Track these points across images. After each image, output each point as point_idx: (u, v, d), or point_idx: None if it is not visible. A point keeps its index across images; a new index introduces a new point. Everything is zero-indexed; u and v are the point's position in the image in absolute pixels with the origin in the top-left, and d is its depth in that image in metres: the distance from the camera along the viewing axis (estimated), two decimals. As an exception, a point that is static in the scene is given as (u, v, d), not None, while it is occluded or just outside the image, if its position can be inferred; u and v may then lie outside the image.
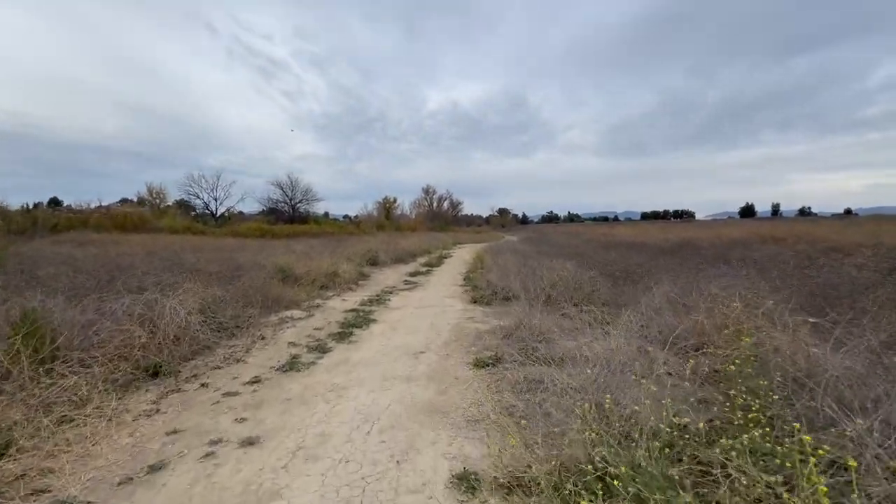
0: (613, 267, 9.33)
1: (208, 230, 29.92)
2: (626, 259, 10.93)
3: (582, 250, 15.03)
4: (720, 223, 41.85)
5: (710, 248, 14.02)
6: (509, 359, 4.50)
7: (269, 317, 6.74)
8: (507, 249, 15.90)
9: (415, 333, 5.82)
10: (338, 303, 8.15)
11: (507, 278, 8.34)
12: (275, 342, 5.44)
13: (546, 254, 13.77)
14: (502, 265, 10.50)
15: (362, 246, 16.94)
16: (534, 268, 8.66)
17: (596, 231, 33.74)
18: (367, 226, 44.48)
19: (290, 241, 24.54)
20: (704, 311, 4.08)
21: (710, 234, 18.41)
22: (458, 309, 7.47)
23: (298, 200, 45.68)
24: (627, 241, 19.50)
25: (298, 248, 16.18)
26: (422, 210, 66.33)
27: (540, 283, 7.28)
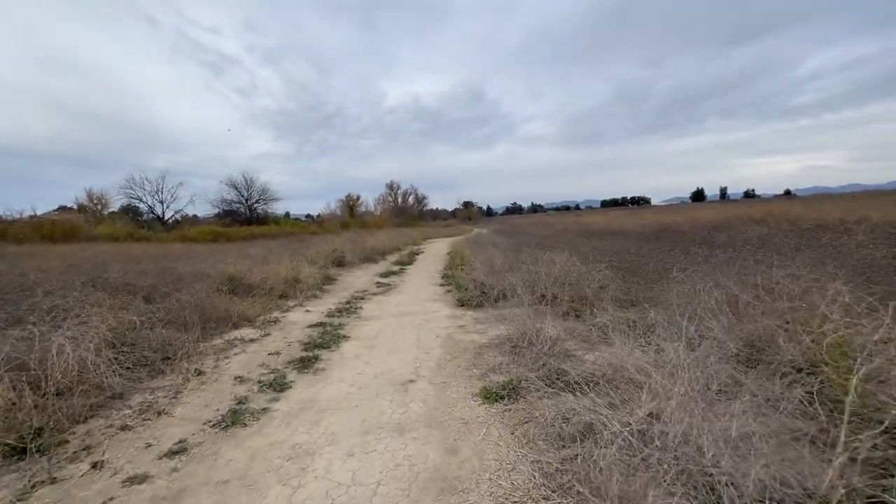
0: (608, 257, 8.51)
1: (154, 236, 27.30)
2: (614, 248, 10.16)
3: (563, 240, 14.27)
4: (687, 207, 42.77)
5: (693, 231, 13.60)
6: (528, 384, 3.47)
7: (213, 340, 5.40)
8: (485, 242, 14.94)
9: (398, 353, 4.68)
10: (300, 315, 6.86)
11: (496, 275, 7.31)
12: (216, 378, 4.15)
13: (528, 245, 12.89)
14: (487, 260, 9.48)
15: (326, 246, 15.52)
16: (525, 262, 7.69)
17: (565, 220, 33.49)
18: (331, 225, 42.54)
19: (247, 244, 22.64)
20: (786, 311, 3.18)
21: (685, 217, 18.17)
22: (445, 315, 6.38)
23: (255, 201, 43.07)
24: (603, 229, 19.02)
25: (255, 251, 14.54)
26: (387, 206, 64.65)
27: (539, 279, 6.30)
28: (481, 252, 11.30)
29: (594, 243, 12.43)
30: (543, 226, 29.31)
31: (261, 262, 11.75)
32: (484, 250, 11.61)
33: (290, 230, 34.95)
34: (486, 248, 12.64)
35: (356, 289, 9.37)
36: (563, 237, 16.22)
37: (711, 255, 7.34)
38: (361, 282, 10.47)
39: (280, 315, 6.89)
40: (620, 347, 3.72)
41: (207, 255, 14.28)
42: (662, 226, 16.87)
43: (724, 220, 15.31)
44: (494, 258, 9.65)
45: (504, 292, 6.94)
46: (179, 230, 30.37)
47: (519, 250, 11.35)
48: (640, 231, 16.13)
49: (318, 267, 11.36)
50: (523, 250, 11.29)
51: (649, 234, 15.19)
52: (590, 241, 13.49)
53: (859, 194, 31.95)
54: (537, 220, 43.25)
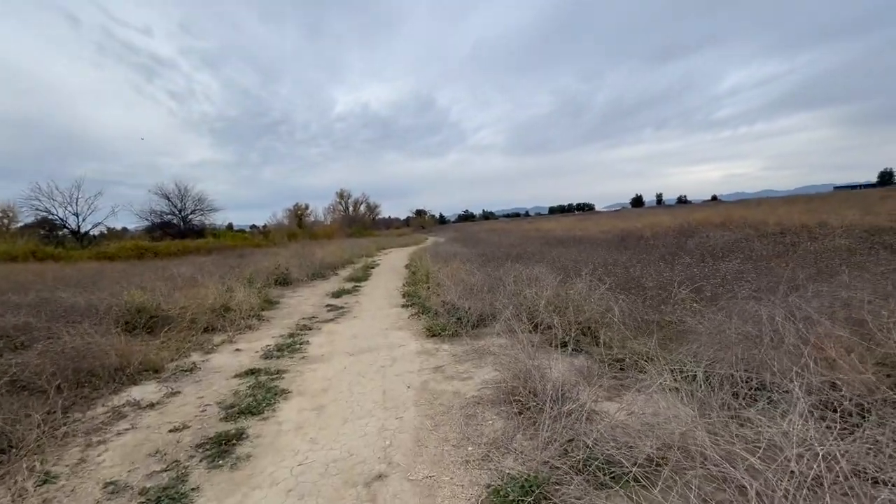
0: (590, 269, 7.68)
1: (65, 254, 23.76)
2: (591, 258, 9.41)
3: (529, 250, 13.49)
4: (636, 212, 44.15)
5: (659, 237, 13.30)
6: (557, 477, 2.36)
7: (94, 408, 3.85)
8: (447, 254, 13.84)
9: (357, 419, 3.40)
10: (227, 357, 5.36)
11: (473, 296, 6.19)
12: (74, 487, 2.69)
13: (494, 256, 11.93)
14: (453, 274, 8.36)
15: (270, 261, 13.75)
16: (502, 279, 6.64)
17: (522, 227, 33.26)
18: (278, 236, 39.87)
19: (178, 260, 20.11)
20: None
21: (643, 223, 18.13)
22: (415, 350, 5.16)
23: (190, 211, 39.49)
24: (564, 236, 18.58)
25: (183, 270, 12.53)
26: (337, 215, 62.22)
27: (526, 301, 5.26)
28: (445, 265, 10.18)
29: (563, 252, 11.71)
30: (501, 233, 28.76)
31: (187, 284, 9.96)
32: (448, 263, 10.50)
33: (230, 243, 32.14)
34: (448, 260, 11.53)
35: (303, 314, 7.90)
36: (527, 246, 15.49)
37: (705, 264, 6.69)
38: (309, 304, 8.98)
39: (200, 359, 5.35)
40: (669, 404, 2.72)
41: (122, 276, 12.10)
42: (624, 232, 16.64)
43: (684, 225, 15.26)
44: (462, 272, 8.56)
45: (483, 316, 5.84)
46: (97, 246, 26.77)
47: (487, 262, 10.34)
48: (605, 238, 15.76)
49: (256, 289, 9.72)
50: (492, 262, 10.31)
51: (613, 240, 14.80)
52: (557, 250, 12.78)
53: (780, 199, 34.33)
54: (493, 228, 42.94)
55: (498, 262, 10.14)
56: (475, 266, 9.40)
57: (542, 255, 11.10)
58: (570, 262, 8.77)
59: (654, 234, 14.20)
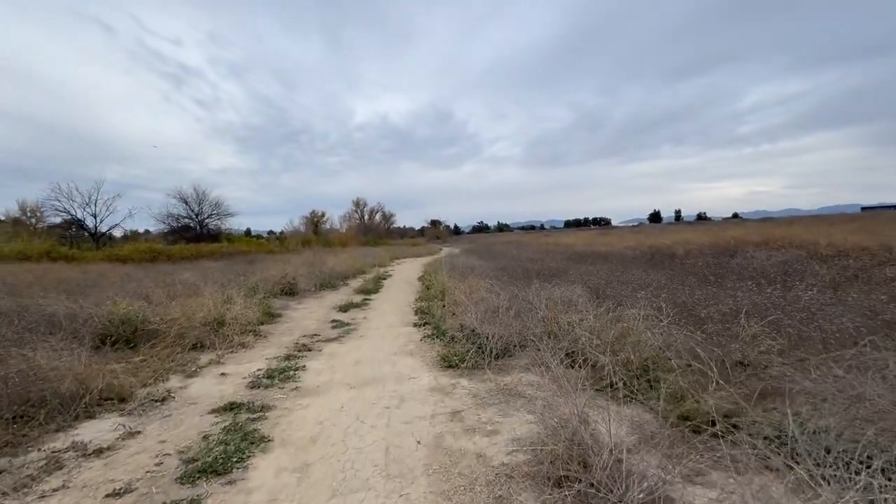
0: (629, 290, 6.74)
1: (79, 254, 23.68)
2: (625, 277, 8.47)
3: (549, 265, 12.56)
4: (658, 228, 42.71)
5: (694, 256, 12.23)
6: None
7: (28, 452, 3.11)
8: (463, 267, 13.00)
9: (350, 493, 2.55)
10: (209, 384, 4.61)
11: (494, 319, 5.33)
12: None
13: (515, 271, 11.05)
14: (471, 291, 7.51)
15: (278, 269, 13.10)
16: (528, 300, 5.77)
17: (539, 241, 32.26)
18: (292, 243, 39.67)
19: (189, 265, 19.73)
20: None
21: (673, 240, 17.03)
22: (427, 386, 4.31)
23: (207, 216, 39.50)
24: (587, 251, 17.57)
25: (186, 276, 11.97)
26: (353, 223, 61.99)
27: (557, 331, 4.39)
28: (462, 280, 9.35)
29: (590, 270, 10.76)
30: (518, 246, 27.81)
31: (187, 291, 9.34)
32: (465, 278, 9.67)
33: (243, 248, 31.89)
34: (465, 274, 10.70)
35: (304, 331, 7.15)
36: (549, 261, 14.56)
37: (766, 290, 5.70)
38: (313, 318, 8.23)
39: (178, 384, 4.60)
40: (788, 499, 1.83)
41: (124, 280, 11.58)
42: (652, 248, 15.58)
43: (720, 242, 14.15)
44: (481, 289, 7.70)
45: (508, 345, 4.97)
46: (111, 248, 26.70)
47: (511, 279, 9.47)
48: (632, 255, 14.72)
49: (258, 299, 9.03)
50: (514, 278, 9.43)
51: (642, 258, 13.77)
52: (582, 267, 11.83)
53: (810, 218, 32.58)
54: (509, 240, 41.99)
55: (520, 278, 9.26)
56: (496, 282, 8.54)
57: (566, 272, 10.18)
58: (601, 281, 7.83)
59: (688, 252, 13.13)
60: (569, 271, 10.32)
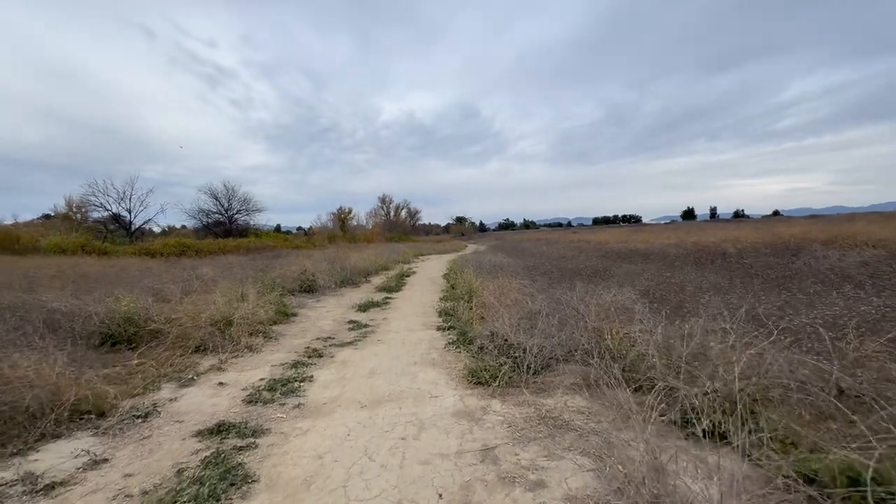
0: (698, 298, 5.79)
1: (111, 248, 24.21)
2: (680, 280, 7.49)
3: (585, 264, 11.60)
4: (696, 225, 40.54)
5: (749, 255, 11.01)
6: None
7: (-29, 483, 2.57)
8: (491, 265, 12.20)
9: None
10: (202, 396, 4.02)
11: (531, 328, 4.54)
12: None
13: (548, 270, 10.17)
14: (500, 291, 6.73)
15: (296, 266, 12.65)
16: (571, 306, 4.94)
17: (569, 238, 31.01)
18: (318, 238, 39.83)
19: (213, 259, 19.75)
20: None
21: (720, 236, 15.67)
22: (451, 408, 3.58)
23: (236, 211, 40.05)
24: (625, 248, 16.42)
25: (205, 271, 11.67)
26: (378, 220, 62.07)
27: (616, 347, 3.56)
28: (491, 279, 8.57)
29: (632, 269, 9.77)
30: (547, 243, 26.71)
31: (204, 287, 8.96)
32: (494, 277, 8.88)
33: (270, 244, 32.08)
34: (493, 273, 9.90)
35: (319, 332, 6.55)
36: (584, 259, 13.56)
37: (863, 296, 4.67)
38: (329, 319, 7.64)
39: (170, 395, 4.04)
40: None
41: (144, 275, 11.37)
42: (697, 246, 14.33)
43: (775, 240, 12.80)
44: (513, 290, 6.90)
45: (551, 358, 4.17)
46: (142, 243, 27.25)
47: (544, 278, 8.63)
48: (676, 253, 13.54)
49: (274, 297, 8.53)
50: (548, 278, 8.58)
51: (688, 256, 12.59)
52: (622, 266, 10.82)
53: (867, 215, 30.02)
54: (537, 237, 40.77)
55: (557, 278, 8.40)
56: (529, 283, 7.71)
57: (607, 272, 9.23)
58: (649, 283, 6.90)
59: (741, 251, 11.89)
60: (610, 271, 9.37)
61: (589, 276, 8.60)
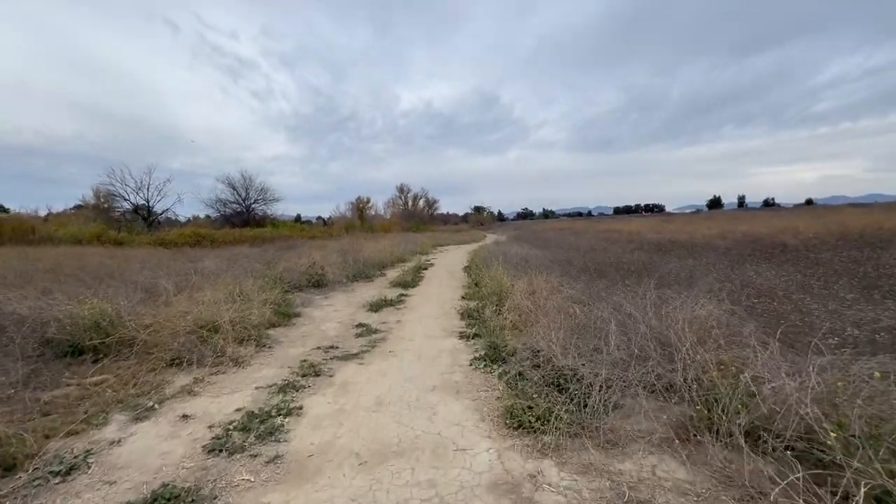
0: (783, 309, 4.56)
1: (128, 238, 23.96)
2: (747, 279, 6.23)
3: (629, 259, 10.32)
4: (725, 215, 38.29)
5: (823, 249, 9.54)
6: None
7: None
8: (516, 257, 11.04)
9: None
10: (154, 437, 3.06)
11: (586, 348, 3.42)
12: None
13: (579, 264, 8.95)
14: (540, 295, 5.61)
15: (307, 258, 11.73)
16: (646, 321, 3.78)
17: (595, 227, 29.43)
18: (336, 228, 39.24)
19: (225, 250, 19.16)
20: None
21: (774, 226, 14.08)
22: (485, 475, 2.51)
23: (253, 201, 39.67)
24: (658, 239, 14.97)
25: (207, 264, 10.88)
26: (396, 209, 61.16)
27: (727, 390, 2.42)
28: (519, 275, 7.45)
29: (687, 264, 8.48)
30: (573, 234, 25.28)
31: (202, 283, 8.13)
32: (522, 272, 7.75)
33: (286, 234, 31.55)
34: (521, 267, 8.76)
35: (320, 339, 5.57)
36: (620, 252, 12.25)
37: None
38: (335, 321, 6.66)
39: (115, 434, 3.10)
40: None
41: (146, 268, 10.64)
42: (748, 238, 12.82)
43: (842, 231, 11.22)
44: (547, 291, 5.76)
45: (618, 395, 3.05)
46: (158, 233, 26.99)
47: (582, 274, 7.45)
48: (724, 245, 12.08)
49: (277, 293, 7.61)
50: (587, 273, 7.39)
51: (741, 249, 11.15)
52: (672, 261, 9.52)
53: None
54: (560, 227, 39.19)
55: (596, 275, 7.22)
56: (565, 279, 6.55)
57: (652, 268, 7.98)
58: (719, 284, 5.66)
59: (805, 243, 10.40)
60: (656, 267, 8.11)
61: (634, 274, 7.38)
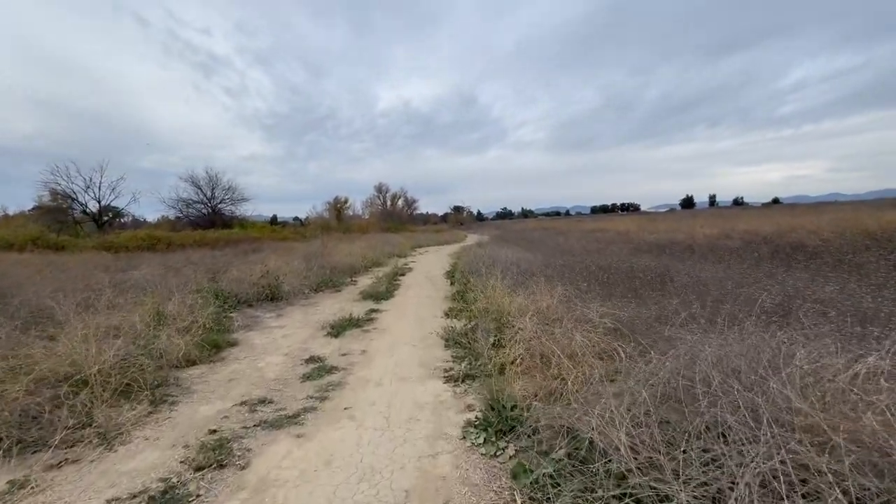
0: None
1: (70, 242, 21.52)
2: (809, 293, 4.96)
3: (638, 263, 9.05)
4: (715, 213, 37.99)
5: (852, 250, 8.46)
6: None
7: None
8: (507, 262, 9.65)
9: None
10: None
11: (651, 419, 2.00)
12: None
13: (582, 270, 7.59)
14: (544, 317, 4.18)
15: (275, 262, 10.02)
16: (739, 373, 2.37)
17: (581, 227, 28.42)
18: (310, 229, 37.15)
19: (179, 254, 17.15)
20: None
21: (779, 224, 13.12)
22: None
23: (219, 201, 37.13)
24: (661, 239, 13.84)
25: (135, 274, 9.07)
26: (375, 209, 59.22)
27: None
28: (517, 286, 6.04)
29: (713, 270, 7.24)
30: (559, 234, 24.15)
31: (110, 300, 6.43)
32: (519, 284, 6.35)
33: (254, 235, 29.40)
34: (514, 273, 7.35)
35: (251, 385, 3.99)
36: (621, 254, 11.00)
37: None
38: (280, 354, 5.07)
39: None
40: None
41: (72, 278, 8.73)
42: (753, 237, 11.78)
43: (865, 229, 10.25)
44: (559, 310, 4.36)
45: None
46: (106, 236, 24.49)
47: (592, 283, 6.07)
48: (729, 245, 10.98)
49: (210, 311, 5.96)
50: (595, 283, 6.01)
51: (753, 250, 10.05)
52: (683, 265, 8.28)
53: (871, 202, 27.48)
54: (542, 226, 38.19)
55: (603, 283, 5.86)
56: (572, 290, 5.14)
57: (672, 275, 6.68)
58: (779, 300, 4.36)
59: (828, 244, 9.34)
60: (675, 272, 6.81)
61: (656, 283, 6.06)
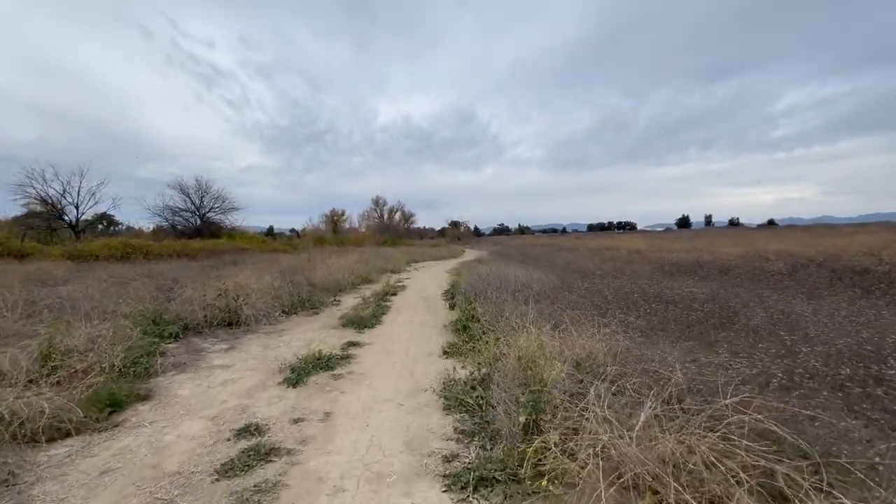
0: None
1: (37, 249, 19.85)
2: None
3: (687, 292, 7.61)
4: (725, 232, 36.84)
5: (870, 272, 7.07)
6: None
7: None
8: (516, 283, 8.16)
9: None
10: None
11: None
12: None
13: (612, 298, 6.13)
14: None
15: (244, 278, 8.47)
16: None
17: (585, 244, 27.02)
18: (303, 241, 35.56)
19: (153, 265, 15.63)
20: None
21: (819, 245, 11.77)
22: None
23: (208, 209, 35.50)
24: (684, 261, 12.42)
25: (63, 291, 7.51)
26: (371, 222, 57.79)
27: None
28: (541, 317, 4.59)
29: (769, 299, 5.81)
30: (561, 250, 22.73)
31: (12, 325, 4.89)
32: (549, 317, 4.87)
33: (243, 246, 27.78)
34: (531, 298, 5.88)
35: (133, 492, 2.47)
36: (654, 278, 9.56)
37: None
38: (204, 418, 3.53)
39: None
40: None
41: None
42: (795, 258, 10.39)
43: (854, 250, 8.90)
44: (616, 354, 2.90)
45: None
46: (78, 243, 22.82)
47: (636, 319, 4.61)
48: (766, 268, 9.57)
49: (121, 349, 4.43)
50: (641, 318, 4.55)
51: (803, 274, 8.64)
52: (733, 290, 6.85)
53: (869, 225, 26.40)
54: (542, 243, 36.81)
55: (653, 319, 4.40)
56: (621, 331, 3.68)
57: (736, 308, 5.23)
58: None
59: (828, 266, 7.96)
60: (741, 303, 5.36)
61: (718, 318, 4.60)
